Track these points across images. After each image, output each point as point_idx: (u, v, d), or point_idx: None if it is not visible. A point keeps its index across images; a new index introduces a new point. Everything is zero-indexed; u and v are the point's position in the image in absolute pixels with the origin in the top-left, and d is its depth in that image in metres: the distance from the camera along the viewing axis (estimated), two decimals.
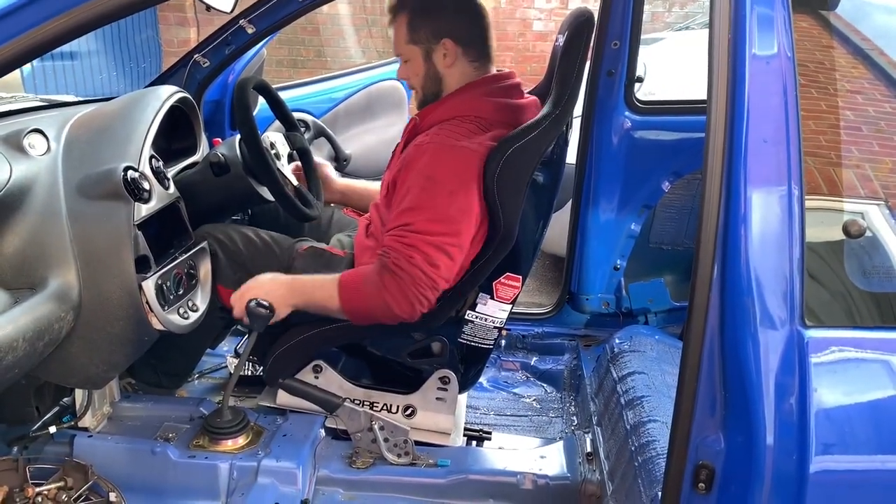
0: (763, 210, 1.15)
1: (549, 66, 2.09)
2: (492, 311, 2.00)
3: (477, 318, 2.01)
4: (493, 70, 1.98)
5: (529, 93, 2.09)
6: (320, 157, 2.51)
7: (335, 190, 2.36)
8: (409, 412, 2.08)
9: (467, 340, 2.05)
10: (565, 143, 2.05)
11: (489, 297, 1.99)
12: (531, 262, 2.11)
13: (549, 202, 2.11)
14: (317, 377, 2.06)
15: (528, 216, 1.93)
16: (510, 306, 2.02)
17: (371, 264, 1.87)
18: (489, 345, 2.07)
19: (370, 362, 2.12)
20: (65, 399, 2.00)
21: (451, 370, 2.05)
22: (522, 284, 2.01)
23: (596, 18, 2.48)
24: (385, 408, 2.08)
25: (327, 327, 1.99)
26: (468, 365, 2.12)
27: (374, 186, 2.40)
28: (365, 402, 2.08)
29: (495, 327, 2.04)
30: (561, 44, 1.92)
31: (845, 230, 1.23)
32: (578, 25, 1.83)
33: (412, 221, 1.80)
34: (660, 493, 1.51)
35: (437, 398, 2.07)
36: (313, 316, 1.98)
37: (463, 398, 2.27)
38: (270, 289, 1.90)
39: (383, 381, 2.12)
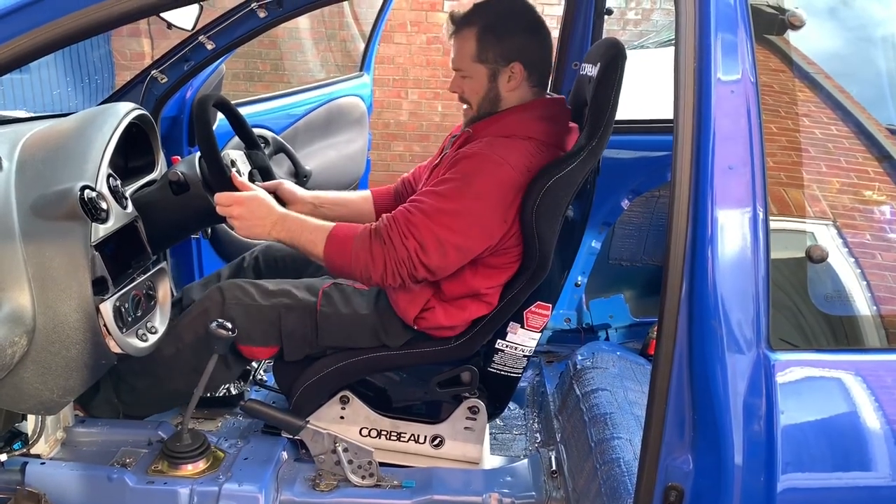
0: (730, 233, 1.17)
1: (574, 95, 2.08)
2: (522, 340, 2.00)
3: (507, 346, 2.01)
4: (546, 93, 1.98)
5: None
6: (281, 174, 2.48)
7: (304, 201, 2.30)
8: (436, 442, 2.07)
9: (496, 369, 2.04)
10: (597, 172, 2.06)
11: (519, 325, 1.98)
12: (560, 291, 2.12)
13: (580, 231, 2.14)
14: (343, 408, 2.04)
15: (560, 244, 1.92)
16: (539, 334, 2.02)
17: (365, 225, 1.85)
18: (518, 373, 2.06)
19: (397, 392, 2.09)
20: (16, 425, 1.93)
21: (480, 399, 2.04)
22: (551, 312, 2.01)
23: (556, 39, 2.52)
24: (412, 438, 2.07)
25: (355, 359, 1.98)
26: (496, 394, 2.11)
27: (345, 194, 2.38)
28: (392, 433, 2.06)
29: (524, 356, 2.03)
30: (589, 73, 1.91)
31: (808, 255, 1.26)
32: (612, 57, 1.80)
33: (426, 201, 1.78)
34: None
35: (466, 427, 2.06)
36: (340, 349, 1.98)
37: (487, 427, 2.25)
38: (261, 214, 1.86)
39: (411, 411, 2.10)
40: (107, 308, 1.71)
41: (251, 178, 2.26)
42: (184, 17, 1.73)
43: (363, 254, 1.79)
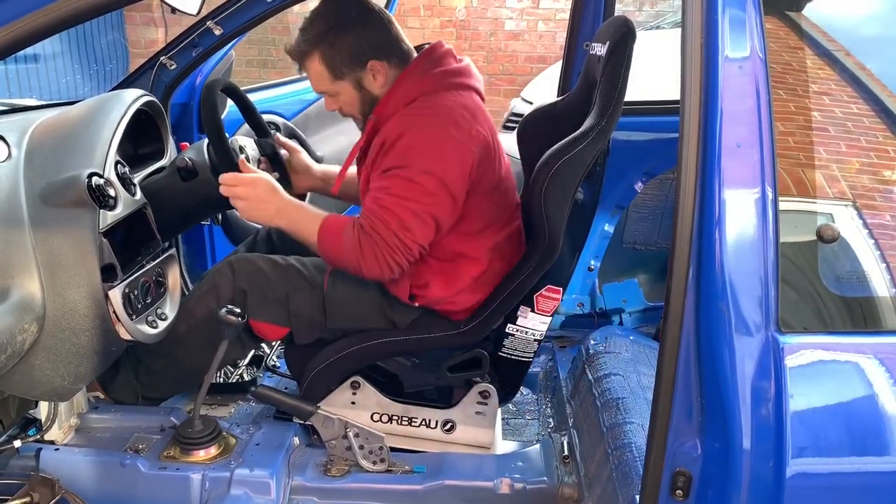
0: (737, 213, 1.15)
1: (584, 75, 2.06)
2: (532, 324, 1.98)
3: (518, 331, 1.99)
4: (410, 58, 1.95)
5: (559, 103, 2.12)
6: (294, 144, 2.46)
7: (314, 176, 2.30)
8: (448, 427, 2.06)
9: (508, 354, 2.03)
10: (606, 153, 2.03)
11: (530, 309, 1.97)
12: (571, 274, 2.11)
13: (590, 213, 2.11)
14: (354, 393, 2.03)
15: (569, 227, 1.90)
16: (550, 318, 2.00)
17: (353, 218, 1.85)
18: (529, 358, 2.05)
19: (408, 377, 2.08)
20: (30, 411, 1.95)
21: (491, 384, 2.03)
22: (562, 296, 2.00)
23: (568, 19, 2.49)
24: (424, 423, 2.06)
25: (365, 344, 1.98)
26: (508, 378, 2.09)
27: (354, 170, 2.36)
28: (403, 418, 2.06)
29: (535, 340, 2.02)
30: (598, 52, 1.88)
31: (819, 235, 1.23)
32: (622, 35, 1.78)
33: (390, 185, 1.78)
34: (637, 497, 1.50)
35: (477, 412, 2.04)
36: (351, 333, 1.98)
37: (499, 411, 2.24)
38: (264, 198, 1.88)
39: (422, 396, 2.09)
40: (116, 295, 1.71)
41: (259, 166, 2.26)
42: (188, 1, 1.70)
43: (353, 251, 1.81)
